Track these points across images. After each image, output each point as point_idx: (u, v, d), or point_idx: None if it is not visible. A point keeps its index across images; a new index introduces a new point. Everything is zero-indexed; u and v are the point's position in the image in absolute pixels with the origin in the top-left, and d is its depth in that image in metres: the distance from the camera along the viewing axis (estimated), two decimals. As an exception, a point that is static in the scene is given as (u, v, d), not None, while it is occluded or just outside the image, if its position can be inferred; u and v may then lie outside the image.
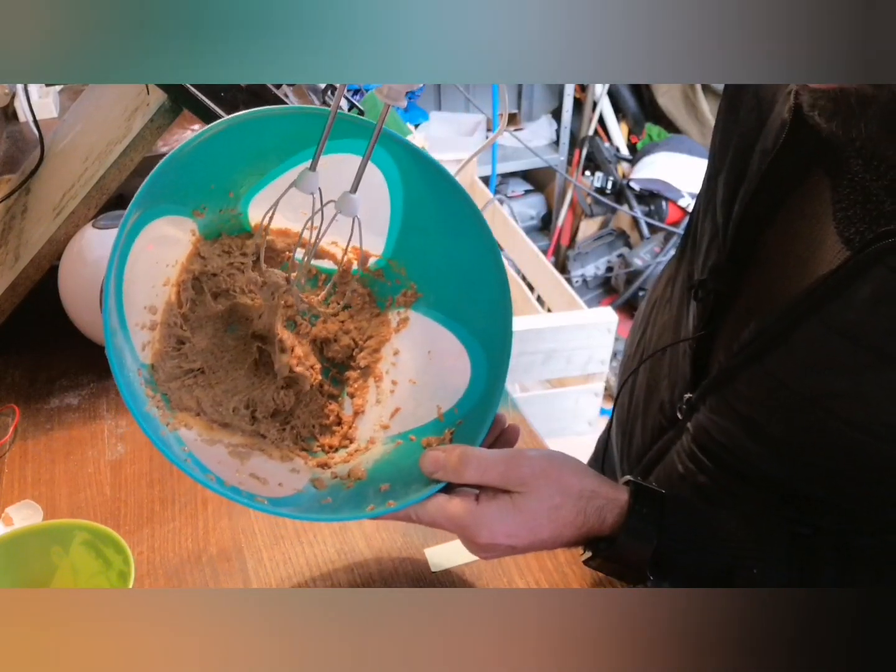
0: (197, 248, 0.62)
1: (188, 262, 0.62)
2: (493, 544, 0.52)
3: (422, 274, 0.65)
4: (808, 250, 0.53)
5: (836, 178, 0.51)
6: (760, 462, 0.58)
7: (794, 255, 0.54)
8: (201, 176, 0.58)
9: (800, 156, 0.53)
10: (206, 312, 0.62)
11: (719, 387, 0.59)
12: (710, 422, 0.61)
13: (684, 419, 0.65)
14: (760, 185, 0.55)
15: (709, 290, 0.60)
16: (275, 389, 0.63)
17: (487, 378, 0.61)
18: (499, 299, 0.61)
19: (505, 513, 0.52)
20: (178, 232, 0.61)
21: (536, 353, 1.63)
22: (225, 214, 0.63)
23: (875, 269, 0.46)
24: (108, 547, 0.58)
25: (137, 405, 0.51)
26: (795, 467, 0.56)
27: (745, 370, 0.56)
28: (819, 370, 0.51)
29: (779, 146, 0.53)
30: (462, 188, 0.61)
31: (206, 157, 0.55)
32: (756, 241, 0.57)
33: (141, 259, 0.56)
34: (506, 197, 2.79)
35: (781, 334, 0.52)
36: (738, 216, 0.57)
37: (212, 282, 0.63)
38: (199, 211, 0.61)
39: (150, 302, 0.59)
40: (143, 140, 0.83)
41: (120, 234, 0.51)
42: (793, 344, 0.52)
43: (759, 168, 0.55)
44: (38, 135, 1.01)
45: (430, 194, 0.62)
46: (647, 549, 0.52)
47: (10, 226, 0.98)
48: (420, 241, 0.65)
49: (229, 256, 0.63)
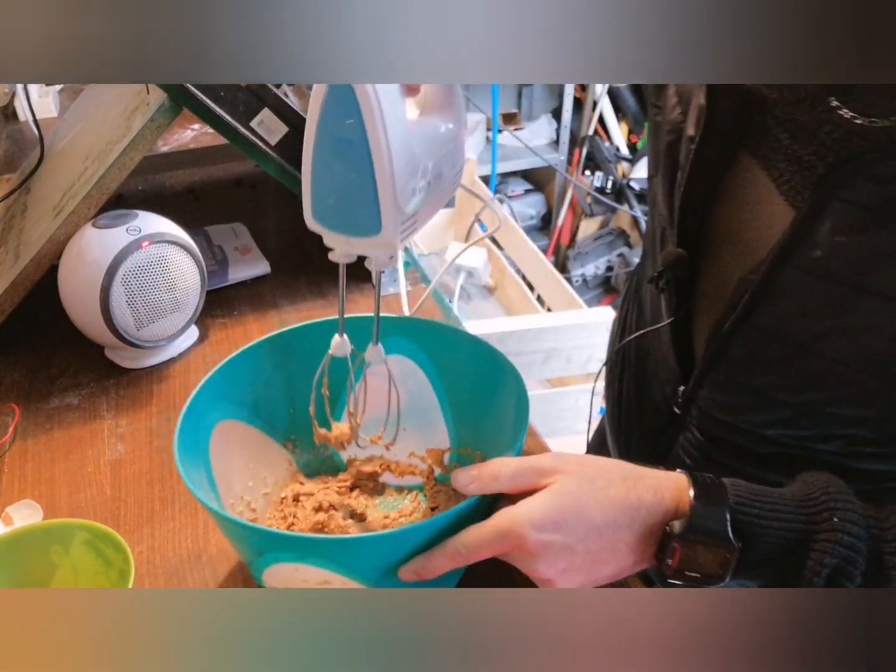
0: (297, 478, 0.71)
1: (287, 484, 0.70)
2: (542, 541, 0.49)
3: (482, 442, 0.67)
4: (761, 231, 0.55)
5: (767, 158, 0.54)
6: (768, 429, 0.59)
7: (744, 242, 0.57)
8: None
9: (723, 139, 0.55)
10: (305, 519, 0.67)
11: (715, 362, 0.59)
12: (712, 404, 0.62)
13: (683, 413, 0.65)
14: (692, 173, 0.57)
15: (668, 279, 0.62)
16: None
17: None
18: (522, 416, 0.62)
19: (545, 499, 0.49)
20: (273, 452, 0.70)
21: (536, 352, 1.63)
22: (319, 454, 0.72)
23: (831, 205, 0.48)
24: (108, 546, 0.58)
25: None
26: (800, 424, 0.57)
27: (738, 333, 0.56)
28: (803, 315, 0.52)
29: (700, 131, 0.55)
30: (482, 341, 0.67)
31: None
32: (702, 228, 0.60)
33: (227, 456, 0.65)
34: (506, 196, 2.79)
35: (763, 288, 0.53)
36: (678, 206, 0.59)
37: (311, 498, 0.68)
38: (290, 442, 0.71)
39: (245, 495, 0.67)
40: (143, 139, 0.83)
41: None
42: (774, 295, 0.53)
43: (688, 157, 0.57)
44: (37, 134, 1.01)
45: (460, 361, 0.68)
46: (724, 514, 0.49)
47: (9, 225, 0.99)
48: (470, 411, 0.69)
49: (326, 485, 0.70)
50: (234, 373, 0.65)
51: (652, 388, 0.70)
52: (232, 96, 0.83)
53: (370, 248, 0.52)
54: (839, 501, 0.49)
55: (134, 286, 0.81)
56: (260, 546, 0.54)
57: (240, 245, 1.06)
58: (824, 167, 0.50)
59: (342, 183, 0.49)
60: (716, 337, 0.59)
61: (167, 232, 0.83)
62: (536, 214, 2.93)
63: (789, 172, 0.52)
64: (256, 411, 0.68)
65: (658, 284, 0.63)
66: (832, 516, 0.48)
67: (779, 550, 0.49)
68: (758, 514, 0.49)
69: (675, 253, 0.60)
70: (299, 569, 0.52)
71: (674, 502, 0.50)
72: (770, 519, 0.49)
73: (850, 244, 0.49)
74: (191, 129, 1.35)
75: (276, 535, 0.56)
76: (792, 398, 0.57)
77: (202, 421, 0.62)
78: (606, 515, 0.49)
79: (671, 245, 0.62)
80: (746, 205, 0.56)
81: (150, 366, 0.88)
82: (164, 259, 0.82)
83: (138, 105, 0.87)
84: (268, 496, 0.68)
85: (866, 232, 0.48)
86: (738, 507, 0.49)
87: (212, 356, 0.89)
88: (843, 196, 0.48)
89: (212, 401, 0.63)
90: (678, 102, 0.59)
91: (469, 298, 1.97)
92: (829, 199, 0.48)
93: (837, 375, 0.53)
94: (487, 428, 0.66)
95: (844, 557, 0.47)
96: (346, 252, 0.53)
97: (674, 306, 0.64)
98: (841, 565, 0.48)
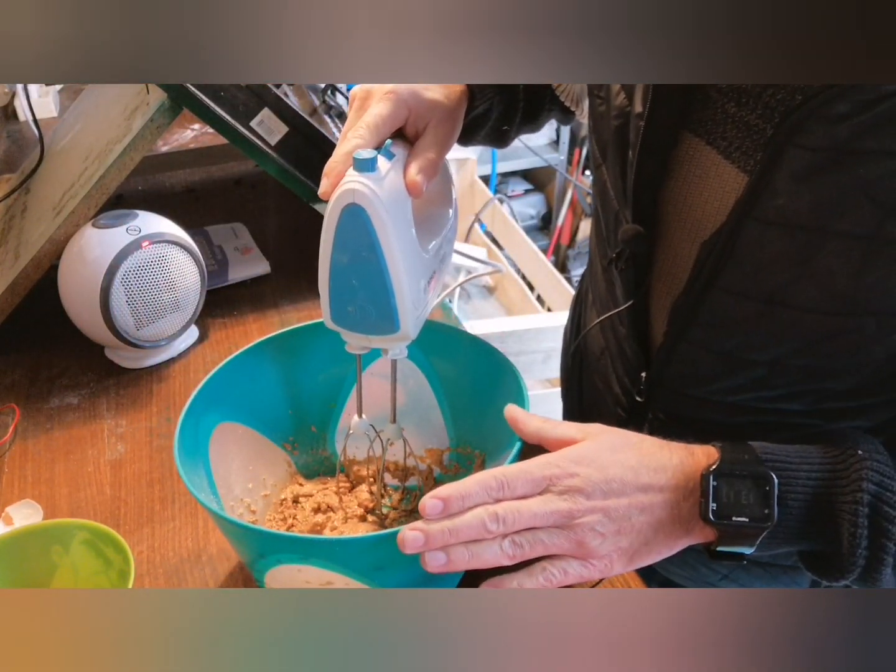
0: (296, 480, 0.71)
1: (286, 486, 0.70)
2: (579, 474, 0.49)
3: (481, 441, 0.68)
4: (712, 202, 0.56)
5: (712, 132, 0.55)
6: (739, 394, 0.59)
7: (695, 218, 0.57)
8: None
9: (670, 112, 0.56)
10: (305, 520, 0.67)
11: (681, 334, 0.60)
12: (680, 380, 0.62)
13: (646, 400, 0.65)
14: (643, 147, 0.57)
15: (627, 258, 0.62)
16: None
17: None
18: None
19: (580, 445, 0.51)
20: (272, 454, 0.70)
21: (536, 352, 1.63)
22: (318, 455, 0.72)
23: (788, 151, 0.49)
24: (108, 546, 0.58)
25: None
26: (771, 382, 0.58)
27: (704, 299, 0.57)
28: (769, 268, 0.53)
29: (648, 105, 0.56)
30: (481, 341, 0.67)
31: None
32: (654, 207, 0.60)
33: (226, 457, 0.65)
34: (506, 196, 2.79)
35: (726, 248, 0.54)
36: (633, 183, 0.60)
37: (310, 500, 0.68)
38: (288, 444, 0.71)
39: (245, 497, 0.67)
40: (143, 139, 0.83)
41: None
42: (738, 253, 0.53)
43: (638, 133, 0.58)
44: (37, 134, 1.01)
45: (459, 361, 0.68)
46: (753, 450, 0.51)
47: (9, 225, 0.99)
48: (469, 411, 0.69)
49: (325, 486, 0.70)
50: (232, 374, 0.65)
51: (612, 383, 0.70)
52: (232, 96, 0.83)
53: (388, 342, 0.56)
54: (860, 442, 0.51)
55: (134, 286, 0.81)
56: (263, 548, 0.54)
57: (240, 245, 1.06)
58: (772, 127, 0.50)
59: (360, 293, 0.52)
60: (679, 309, 0.59)
61: (167, 232, 0.84)
62: (536, 214, 2.93)
63: (739, 139, 0.53)
64: (255, 413, 0.68)
65: (617, 265, 0.63)
66: (857, 450, 0.50)
67: (813, 496, 0.50)
68: (785, 459, 0.51)
69: (633, 229, 0.60)
70: (302, 570, 0.52)
71: (705, 456, 0.52)
72: (798, 463, 0.51)
73: (809, 188, 0.49)
74: (191, 129, 1.35)
75: (279, 537, 0.56)
76: (762, 355, 0.57)
77: (202, 423, 0.62)
78: (641, 457, 0.51)
79: (625, 222, 0.62)
80: (694, 181, 0.57)
81: (150, 366, 0.88)
82: (164, 259, 0.82)
83: (138, 105, 0.87)
84: (267, 498, 0.68)
85: (823, 174, 0.48)
86: (764, 455, 0.51)
87: (212, 356, 0.89)
88: (797, 142, 0.48)
89: (211, 403, 0.63)
90: (622, 88, 0.60)
91: (469, 298, 1.98)
92: (785, 146, 0.49)
93: (807, 323, 0.53)
94: (487, 427, 0.66)
95: (879, 483, 0.49)
96: (364, 346, 0.57)
97: (632, 287, 0.63)
98: (878, 491, 0.49)
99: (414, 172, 0.53)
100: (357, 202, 0.49)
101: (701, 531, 0.51)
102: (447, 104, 0.59)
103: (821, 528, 0.51)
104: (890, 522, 0.49)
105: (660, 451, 0.52)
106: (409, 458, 0.70)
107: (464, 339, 0.69)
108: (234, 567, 0.66)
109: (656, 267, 0.62)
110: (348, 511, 0.66)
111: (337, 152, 0.53)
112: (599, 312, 0.72)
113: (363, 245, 0.51)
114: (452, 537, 0.48)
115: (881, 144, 0.46)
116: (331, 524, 0.64)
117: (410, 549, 0.48)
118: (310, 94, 1.06)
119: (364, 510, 0.66)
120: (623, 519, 0.50)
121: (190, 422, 0.60)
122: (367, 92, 0.57)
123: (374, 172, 0.50)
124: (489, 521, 0.48)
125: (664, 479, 0.51)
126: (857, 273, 0.50)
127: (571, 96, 0.75)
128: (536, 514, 0.48)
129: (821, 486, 0.51)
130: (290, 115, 0.86)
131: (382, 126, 0.54)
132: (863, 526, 0.49)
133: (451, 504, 0.49)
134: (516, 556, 0.49)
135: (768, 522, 0.50)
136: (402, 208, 0.52)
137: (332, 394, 0.71)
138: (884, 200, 0.47)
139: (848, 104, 0.46)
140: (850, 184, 0.48)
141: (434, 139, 0.56)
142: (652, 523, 0.50)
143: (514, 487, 0.49)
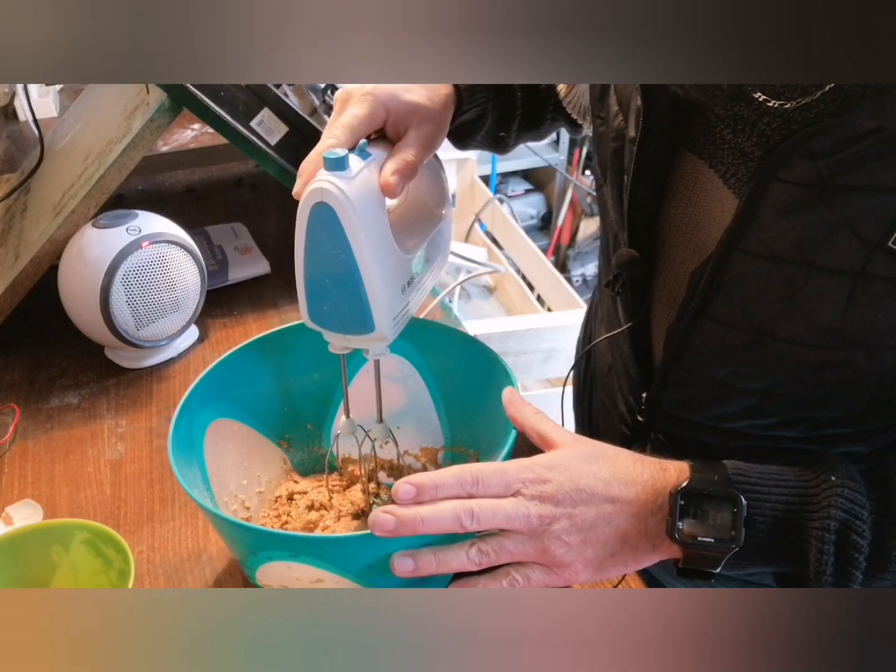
0: (291, 477, 0.71)
1: (281, 483, 0.70)
2: (548, 479, 0.50)
3: (475, 440, 0.68)
4: (712, 227, 0.55)
5: (713, 156, 0.55)
6: (734, 422, 0.59)
7: (696, 240, 0.57)
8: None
9: (663, 137, 0.56)
10: (298, 518, 0.67)
11: (675, 360, 0.60)
12: (676, 405, 0.62)
13: (647, 421, 0.65)
14: (636, 172, 0.57)
15: (623, 282, 0.62)
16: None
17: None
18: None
19: (552, 452, 0.52)
20: (267, 451, 0.70)
21: (536, 352, 1.63)
22: (314, 453, 0.72)
23: (771, 186, 0.49)
24: (109, 546, 0.58)
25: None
26: (765, 410, 0.57)
27: (695, 327, 0.57)
28: (756, 300, 0.53)
29: (640, 131, 0.56)
30: (474, 340, 0.67)
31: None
32: (652, 229, 0.60)
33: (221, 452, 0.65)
34: (506, 196, 2.79)
35: (715, 279, 0.54)
36: (627, 207, 0.60)
37: (305, 497, 0.68)
38: (284, 441, 0.71)
39: (239, 493, 0.67)
40: (143, 139, 0.83)
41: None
42: (727, 284, 0.54)
43: (631, 158, 0.57)
44: (37, 134, 1.01)
45: (453, 359, 0.69)
46: (724, 469, 0.51)
47: (9, 225, 0.99)
48: (464, 410, 0.69)
49: (320, 483, 0.69)
50: (228, 371, 0.65)
51: (618, 401, 0.70)
52: (232, 96, 0.83)
53: (366, 342, 0.56)
54: (835, 469, 0.51)
55: (134, 286, 0.81)
56: (252, 544, 0.54)
57: (240, 245, 1.06)
58: (766, 155, 0.50)
59: (333, 292, 0.53)
60: (674, 334, 0.59)
61: (167, 232, 0.84)
62: (536, 214, 2.93)
63: (735, 165, 0.53)
64: (251, 410, 0.68)
65: (614, 287, 0.63)
66: (830, 476, 0.50)
67: (782, 520, 0.50)
68: (756, 481, 0.51)
69: (627, 253, 0.61)
70: (292, 567, 0.52)
71: (676, 473, 0.52)
72: (769, 485, 0.51)
73: (792, 223, 0.49)
74: (191, 129, 1.35)
75: (268, 534, 0.56)
76: (754, 385, 0.57)
77: (196, 419, 0.62)
78: (614, 469, 0.51)
79: (622, 246, 0.62)
80: (696, 203, 0.57)
81: (150, 366, 0.88)
82: (164, 259, 0.82)
83: (138, 105, 0.87)
84: (262, 494, 0.68)
85: (806, 209, 0.48)
86: (735, 476, 0.51)
87: (212, 356, 0.89)
88: (781, 176, 0.48)
89: (206, 399, 0.63)
90: (619, 110, 0.60)
91: (469, 298, 1.98)
92: (769, 180, 0.49)
93: (796, 355, 0.53)
94: (480, 426, 0.66)
95: (848, 510, 0.49)
96: (344, 346, 0.57)
97: (630, 310, 0.64)
98: (847, 519, 0.48)
99: (388, 173, 0.53)
100: (325, 201, 0.49)
101: (668, 548, 0.51)
102: (430, 106, 0.59)
103: (788, 552, 0.51)
104: (857, 551, 0.48)
105: (633, 465, 0.52)
106: (404, 457, 0.70)
107: (456, 338, 0.69)
108: (235, 567, 0.66)
109: (658, 288, 0.62)
110: (341, 510, 0.66)
111: (311, 153, 0.53)
112: (607, 329, 0.72)
113: (333, 244, 0.51)
114: (424, 526, 0.48)
115: (864, 180, 0.46)
116: (323, 522, 0.65)
117: (380, 532, 0.48)
118: (310, 94, 1.06)
119: (357, 509, 0.66)
120: (589, 529, 0.50)
121: (184, 418, 0.60)
122: (347, 94, 0.57)
123: (345, 171, 0.50)
124: (464, 517, 0.48)
125: (633, 492, 0.51)
126: (844, 308, 0.50)
127: (578, 108, 0.75)
128: (510, 516, 0.49)
129: (790, 509, 0.50)
130: (290, 115, 0.86)
131: (358, 126, 0.54)
132: (829, 553, 0.48)
133: (424, 491, 0.49)
134: (482, 563, 0.49)
135: (734, 544, 0.50)
136: (375, 208, 0.52)
137: (328, 391, 0.71)
138: (870, 236, 0.47)
139: (828, 140, 0.46)
140: (835, 220, 0.48)
141: (414, 141, 0.56)
142: (618, 535, 0.51)
143: (489, 485, 0.50)
